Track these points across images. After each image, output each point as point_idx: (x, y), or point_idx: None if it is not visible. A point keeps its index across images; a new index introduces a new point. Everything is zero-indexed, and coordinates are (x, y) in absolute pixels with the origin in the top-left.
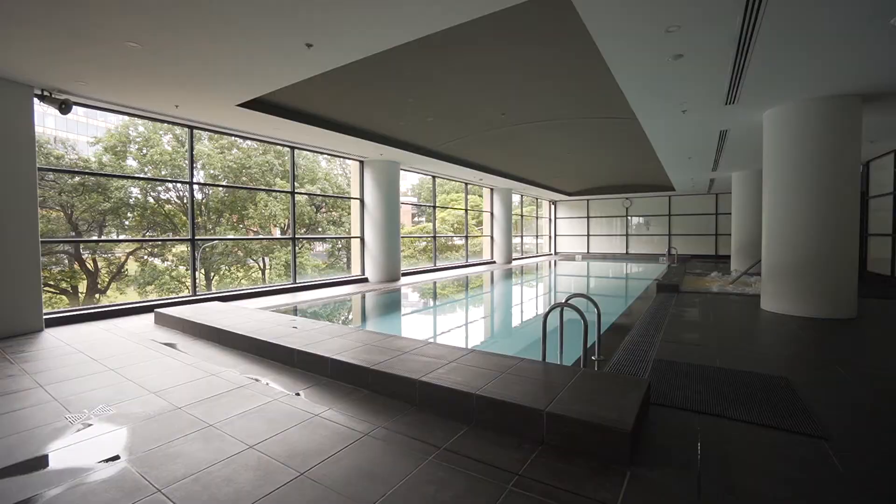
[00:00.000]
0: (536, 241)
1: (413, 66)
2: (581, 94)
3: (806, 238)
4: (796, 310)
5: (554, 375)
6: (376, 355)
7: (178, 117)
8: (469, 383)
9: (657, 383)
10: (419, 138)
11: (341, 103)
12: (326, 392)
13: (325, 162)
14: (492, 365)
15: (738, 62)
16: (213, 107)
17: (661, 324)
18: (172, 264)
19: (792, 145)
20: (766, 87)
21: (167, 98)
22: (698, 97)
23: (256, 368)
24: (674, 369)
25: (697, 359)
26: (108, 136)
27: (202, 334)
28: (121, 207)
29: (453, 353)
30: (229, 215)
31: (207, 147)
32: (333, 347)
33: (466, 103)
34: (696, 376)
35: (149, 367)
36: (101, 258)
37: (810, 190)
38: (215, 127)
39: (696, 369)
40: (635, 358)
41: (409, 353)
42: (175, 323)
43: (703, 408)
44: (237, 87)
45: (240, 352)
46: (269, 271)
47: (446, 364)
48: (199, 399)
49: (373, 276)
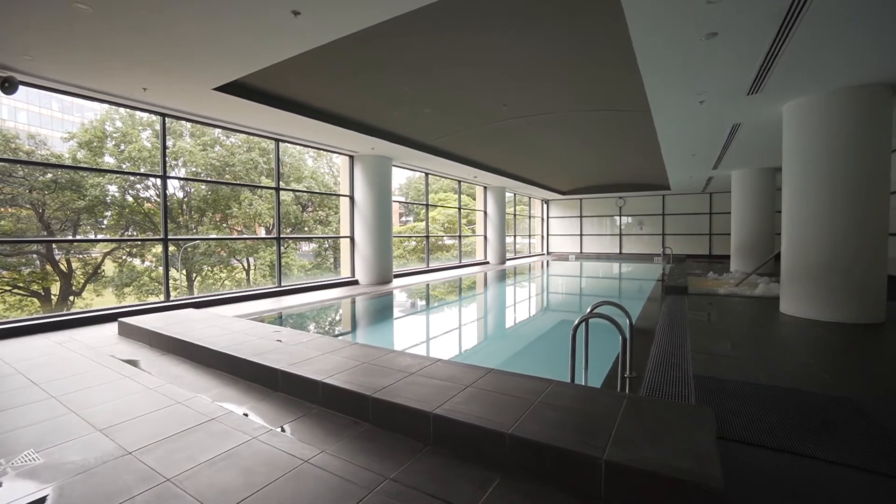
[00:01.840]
0: (529, 240)
1: (411, 50)
2: (588, 85)
3: (832, 238)
4: (820, 314)
5: (597, 404)
6: (377, 377)
7: (147, 103)
8: (497, 418)
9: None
10: (414, 132)
11: (331, 91)
12: (317, 426)
13: (311, 160)
14: (518, 389)
15: (774, 45)
16: (186, 90)
17: (682, 331)
18: (152, 265)
19: (817, 139)
20: (797, 74)
21: (132, 79)
22: (721, 85)
23: (232, 393)
24: (721, 389)
25: (739, 374)
26: (82, 132)
27: (171, 348)
28: (97, 206)
29: (468, 375)
30: (212, 214)
31: (189, 144)
32: (325, 367)
33: (467, 94)
34: (749, 398)
35: (101, 392)
36: (76, 259)
37: (837, 187)
38: (190, 115)
39: (745, 388)
40: (671, 374)
41: (415, 375)
42: (141, 335)
43: (778, 442)
44: (213, 66)
45: (214, 371)
46: (254, 272)
47: (463, 390)
48: (157, 438)
49: (363, 277)
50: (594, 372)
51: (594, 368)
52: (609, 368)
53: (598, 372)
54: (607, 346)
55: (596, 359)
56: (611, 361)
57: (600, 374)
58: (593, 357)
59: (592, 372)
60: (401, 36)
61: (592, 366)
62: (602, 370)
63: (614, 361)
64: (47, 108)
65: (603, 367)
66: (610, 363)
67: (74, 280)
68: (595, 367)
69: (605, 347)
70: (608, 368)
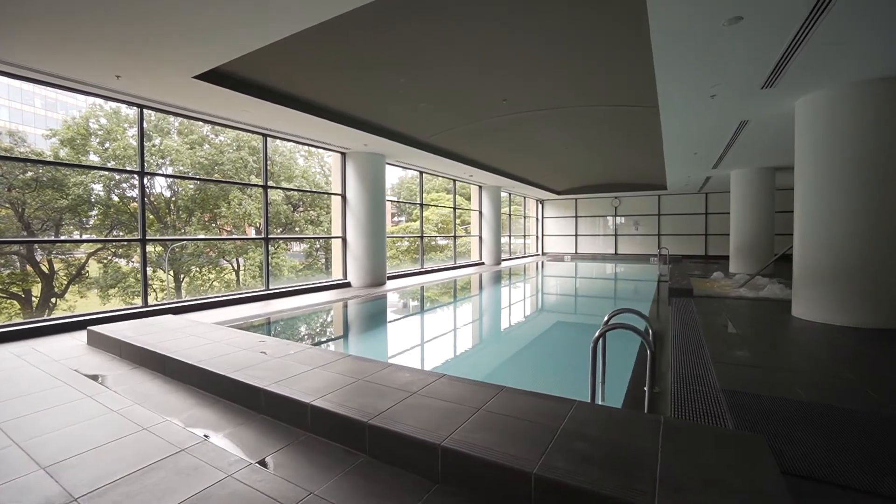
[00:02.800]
0: (524, 241)
1: (408, 37)
2: (593, 79)
3: (849, 239)
4: (835, 318)
5: (630, 432)
6: (374, 398)
7: (122, 92)
8: (517, 451)
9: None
10: (410, 128)
11: (322, 83)
12: (305, 459)
13: (302, 159)
14: (536, 413)
15: (801, 31)
16: (164, 78)
17: (697, 338)
18: (139, 266)
19: (833, 135)
20: (818, 65)
21: (103, 64)
22: (736, 77)
23: (208, 416)
24: (757, 407)
25: (771, 387)
26: (64, 129)
27: (143, 361)
28: (80, 205)
29: (478, 395)
30: (200, 214)
31: (176, 142)
32: (314, 384)
33: (466, 87)
34: (794, 418)
35: (55, 417)
36: (58, 259)
37: (855, 185)
38: (171, 106)
39: (785, 406)
40: (696, 388)
41: (417, 395)
42: (111, 345)
43: (850, 478)
44: (192, 50)
45: (189, 388)
46: (244, 272)
47: (473, 414)
48: (113, 478)
49: (356, 279)
50: (609, 385)
51: (608, 381)
52: (627, 382)
53: (613, 385)
54: (613, 353)
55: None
56: (620, 370)
57: (617, 389)
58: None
59: (608, 385)
60: (398, 21)
61: (606, 377)
62: (615, 382)
63: (632, 374)
64: (30, 105)
65: (614, 378)
66: (620, 372)
67: (57, 282)
68: (609, 379)
69: (612, 354)
70: (622, 380)
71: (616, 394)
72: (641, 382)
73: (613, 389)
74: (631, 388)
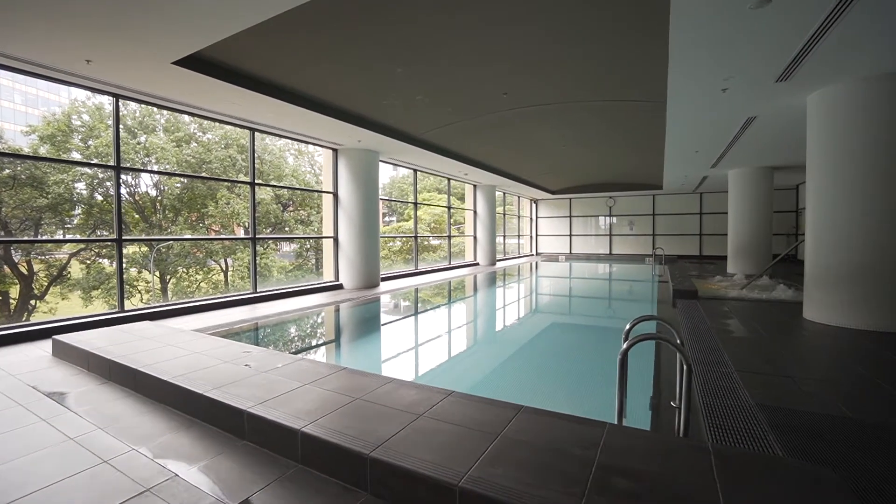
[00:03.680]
0: (518, 241)
1: (406, 23)
2: (599, 72)
3: (871, 239)
4: (853, 322)
5: (677, 464)
6: (374, 422)
7: (94, 80)
8: (551, 495)
9: (807, 457)
10: (405, 123)
11: (314, 73)
12: (294, 499)
13: (292, 158)
14: (563, 438)
15: (829, 18)
16: (139, 63)
17: (714, 345)
18: (124, 266)
19: (854, 133)
20: (839, 57)
21: (71, 46)
22: (752, 68)
23: (183, 443)
24: (803, 426)
25: (810, 402)
26: (44, 125)
27: (114, 376)
28: (61, 204)
29: (494, 416)
30: (188, 213)
31: (162, 139)
32: (305, 406)
33: (465, 78)
34: (847, 439)
35: (2, 443)
36: (38, 260)
37: (874, 182)
38: (149, 96)
39: (833, 425)
40: (727, 403)
41: (424, 417)
42: (78, 357)
43: None
44: (170, 32)
45: (164, 408)
46: (232, 273)
47: (492, 442)
48: None
49: (348, 281)
50: (632, 405)
51: (609, 382)
52: (637, 393)
53: (638, 407)
54: (614, 359)
55: (607, 374)
56: (630, 380)
57: (635, 403)
58: (603, 371)
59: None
60: (396, 6)
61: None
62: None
63: (653, 388)
64: (9, 101)
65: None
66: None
67: (37, 283)
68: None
69: (613, 361)
70: (636, 392)
71: (637, 410)
72: (662, 395)
73: (631, 403)
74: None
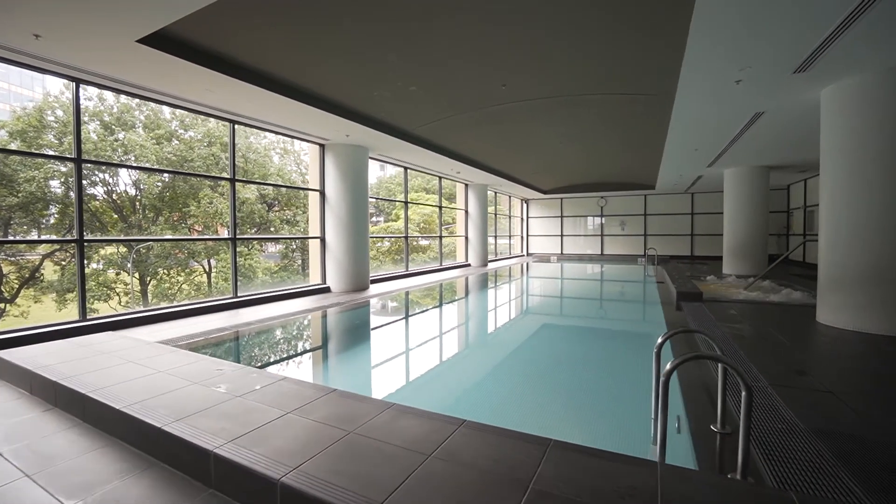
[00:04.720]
0: (509, 241)
1: (400, 6)
2: (605, 62)
3: (892, 239)
4: (871, 326)
5: None
6: (373, 465)
7: (46, 59)
8: None
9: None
10: (396, 117)
11: (300, 59)
12: None
13: (277, 157)
14: (611, 488)
15: (861, 5)
16: (98, 40)
17: (737, 354)
18: (101, 267)
19: (873, 128)
20: (863, 47)
21: (13, 17)
22: (773, 56)
23: (131, 496)
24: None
25: (870, 426)
26: (14, 120)
27: (60, 402)
28: (33, 203)
29: (520, 456)
30: (169, 213)
31: (142, 137)
32: (288, 444)
33: (461, 69)
34: None
35: None
36: (8, 261)
37: None
38: (113, 81)
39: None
40: (778, 428)
41: (434, 458)
42: (20, 377)
43: None
44: (133, 1)
45: (115, 444)
46: (215, 274)
47: (524, 493)
48: None
49: (336, 284)
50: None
51: (630, 400)
52: (742, 459)
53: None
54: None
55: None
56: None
57: (645, 423)
58: (609, 380)
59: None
60: None
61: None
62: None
63: (685, 409)
64: None
65: (631, 405)
66: (630, 396)
67: (7, 285)
68: (631, 408)
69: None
70: (643, 408)
71: (679, 447)
72: (692, 416)
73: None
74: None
